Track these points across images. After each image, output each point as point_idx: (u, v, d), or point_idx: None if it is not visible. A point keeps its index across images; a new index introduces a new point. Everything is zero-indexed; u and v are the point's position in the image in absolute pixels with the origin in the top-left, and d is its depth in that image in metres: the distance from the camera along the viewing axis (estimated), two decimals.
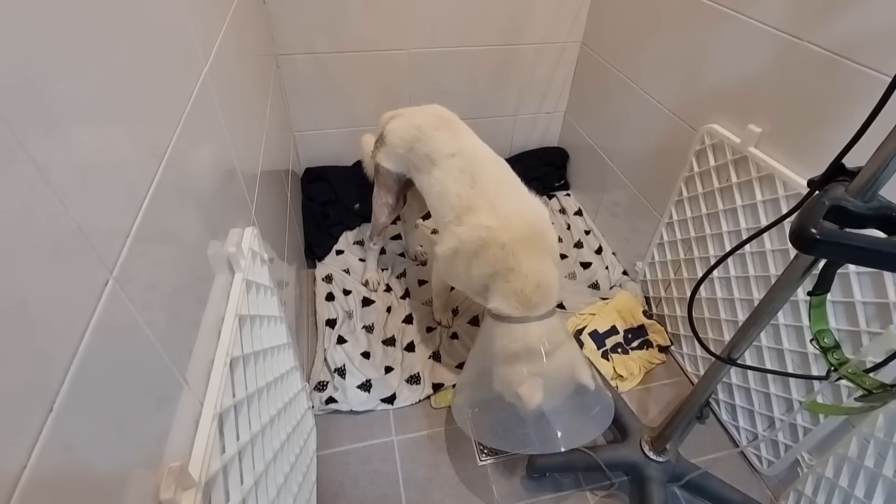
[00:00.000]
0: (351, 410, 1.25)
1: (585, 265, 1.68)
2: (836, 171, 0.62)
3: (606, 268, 1.65)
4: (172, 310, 0.51)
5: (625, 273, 1.64)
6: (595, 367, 1.31)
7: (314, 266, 1.63)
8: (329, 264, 1.62)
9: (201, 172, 0.65)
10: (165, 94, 0.56)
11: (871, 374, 0.62)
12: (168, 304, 0.50)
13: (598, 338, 1.41)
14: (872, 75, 0.84)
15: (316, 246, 1.64)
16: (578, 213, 1.88)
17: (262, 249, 0.87)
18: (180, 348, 0.52)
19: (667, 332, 1.45)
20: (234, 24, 0.96)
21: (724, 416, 1.27)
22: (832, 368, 0.65)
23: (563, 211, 1.90)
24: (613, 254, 1.70)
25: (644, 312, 1.48)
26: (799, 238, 0.54)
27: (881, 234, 0.58)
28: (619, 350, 1.41)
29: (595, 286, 1.61)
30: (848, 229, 0.62)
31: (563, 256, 1.71)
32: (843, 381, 0.70)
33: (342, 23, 1.51)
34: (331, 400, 1.26)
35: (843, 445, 0.93)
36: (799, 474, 1.06)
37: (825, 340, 0.66)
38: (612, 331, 1.44)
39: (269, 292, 0.87)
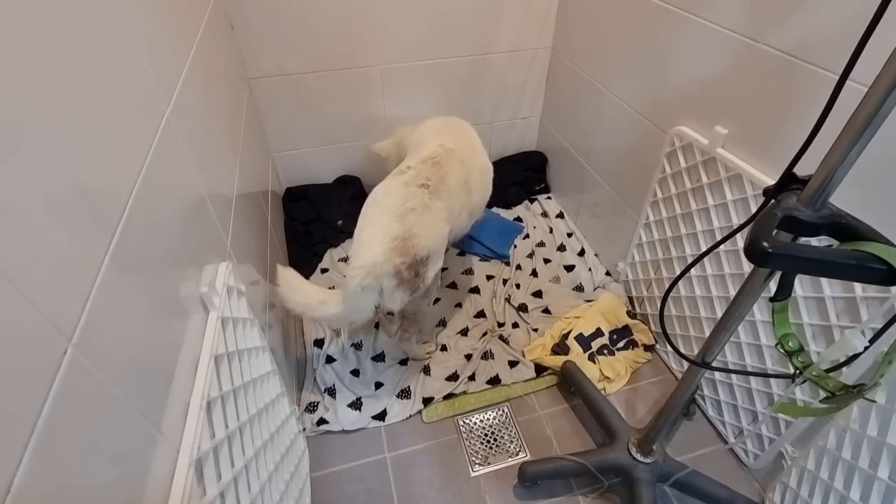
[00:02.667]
0: (342, 430, 1.26)
1: (569, 268, 1.69)
2: (789, 180, 0.64)
3: (589, 270, 1.67)
4: (142, 363, 0.52)
5: (608, 274, 1.65)
6: (582, 371, 1.33)
7: None
8: (315, 284, 1.62)
9: (168, 218, 0.66)
10: (122, 148, 0.56)
11: (833, 377, 0.64)
12: (137, 358, 0.51)
13: (584, 341, 1.43)
14: (827, 76, 0.86)
15: (300, 266, 1.63)
16: (560, 215, 1.90)
17: (239, 282, 0.87)
18: (152, 400, 0.52)
19: (651, 331, 1.46)
20: (199, 57, 0.96)
21: (711, 412, 1.29)
22: (797, 371, 0.66)
23: (545, 214, 1.92)
24: (596, 255, 1.72)
25: (628, 312, 1.50)
26: (752, 252, 0.56)
27: (835, 242, 0.60)
28: (605, 352, 1.43)
29: (579, 289, 1.63)
30: (803, 238, 0.64)
31: (546, 260, 1.73)
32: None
33: (312, 43, 1.52)
34: (322, 421, 1.26)
35: (822, 437, 0.94)
36: (784, 467, 1.08)
37: (789, 344, 0.67)
38: (598, 333, 1.45)
39: (248, 324, 0.88)
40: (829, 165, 0.56)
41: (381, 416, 1.29)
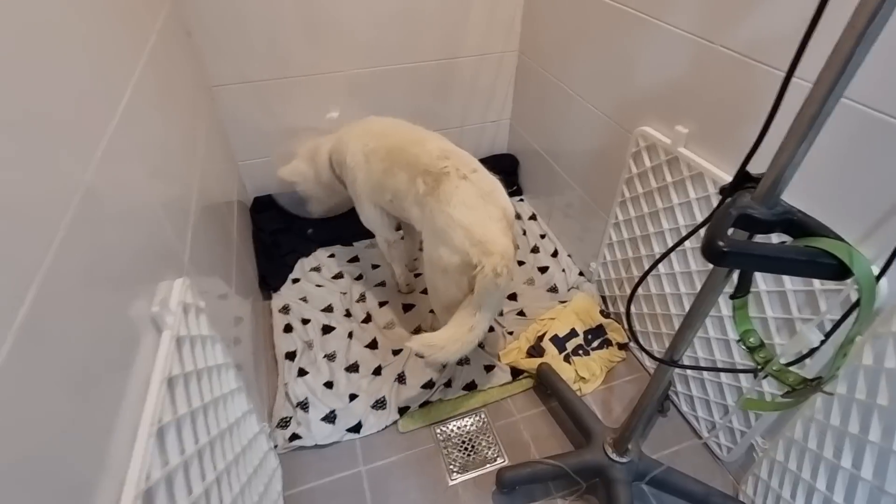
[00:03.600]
0: (316, 445, 1.22)
1: (543, 269, 1.70)
2: (743, 179, 0.64)
3: (563, 270, 1.68)
4: (82, 391, 0.49)
5: (581, 274, 1.66)
6: (557, 373, 1.33)
7: (270, 298, 1.59)
8: (285, 294, 1.59)
9: (113, 235, 0.63)
10: (61, 161, 0.53)
11: (793, 372, 0.64)
12: (76, 386, 0.48)
13: (559, 342, 1.43)
14: (780, 76, 0.87)
15: (270, 277, 1.60)
16: (533, 217, 1.91)
17: (198, 299, 0.84)
18: (93, 432, 0.49)
19: (624, 330, 1.48)
20: (151, 65, 0.92)
21: (684, 407, 1.30)
22: (759, 367, 0.67)
23: (517, 216, 1.92)
24: (569, 256, 1.73)
25: (601, 312, 1.51)
26: (708, 251, 0.56)
27: (789, 239, 0.61)
28: (581, 352, 1.43)
29: (553, 290, 1.63)
30: (758, 235, 0.64)
31: (520, 263, 1.73)
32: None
33: (275, 50, 1.49)
34: (295, 437, 1.23)
35: (790, 428, 0.96)
36: (755, 459, 1.10)
37: (751, 340, 0.68)
38: (572, 333, 1.46)
39: (208, 342, 0.84)
40: (779, 164, 0.57)
41: (355, 428, 1.26)
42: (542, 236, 1.82)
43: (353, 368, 1.40)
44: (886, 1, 0.43)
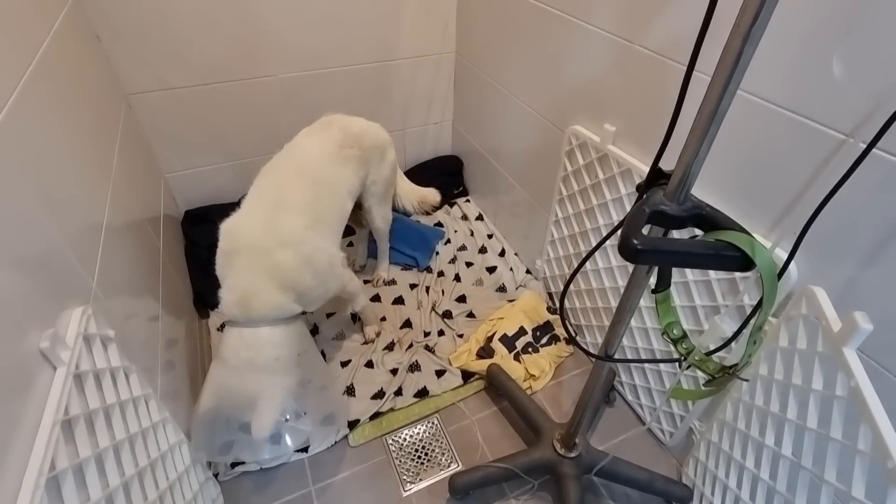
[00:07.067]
0: (261, 468, 1.17)
1: (491, 269, 1.70)
2: (657, 176, 0.66)
3: (511, 269, 1.69)
4: None
5: (528, 272, 1.68)
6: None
7: (207, 316, 1.51)
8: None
9: None
10: None
11: (713, 360, 0.66)
12: None
13: (508, 341, 1.43)
14: (695, 75, 0.91)
15: (206, 294, 1.51)
16: (479, 217, 1.91)
17: (106, 328, 0.77)
18: None
19: (570, 324, 1.50)
20: (43, 74, 0.84)
21: (629, 396, 1.34)
22: (682, 357, 0.69)
23: (465, 217, 1.92)
24: (516, 254, 1.74)
25: (548, 308, 1.53)
26: (624, 249, 0.57)
27: (701, 233, 0.63)
28: (530, 349, 1.44)
29: (502, 289, 1.64)
30: (672, 231, 0.66)
31: (468, 264, 1.73)
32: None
33: (197, 54, 1.41)
34: (237, 462, 1.16)
35: (721, 411, 1.00)
36: (694, 442, 1.14)
37: (674, 332, 0.70)
38: (521, 332, 1.46)
39: (120, 374, 0.78)
40: (685, 160, 0.58)
41: (303, 447, 1.21)
42: (490, 236, 1.83)
43: (299, 385, 1.34)
44: (765, 6, 0.45)
